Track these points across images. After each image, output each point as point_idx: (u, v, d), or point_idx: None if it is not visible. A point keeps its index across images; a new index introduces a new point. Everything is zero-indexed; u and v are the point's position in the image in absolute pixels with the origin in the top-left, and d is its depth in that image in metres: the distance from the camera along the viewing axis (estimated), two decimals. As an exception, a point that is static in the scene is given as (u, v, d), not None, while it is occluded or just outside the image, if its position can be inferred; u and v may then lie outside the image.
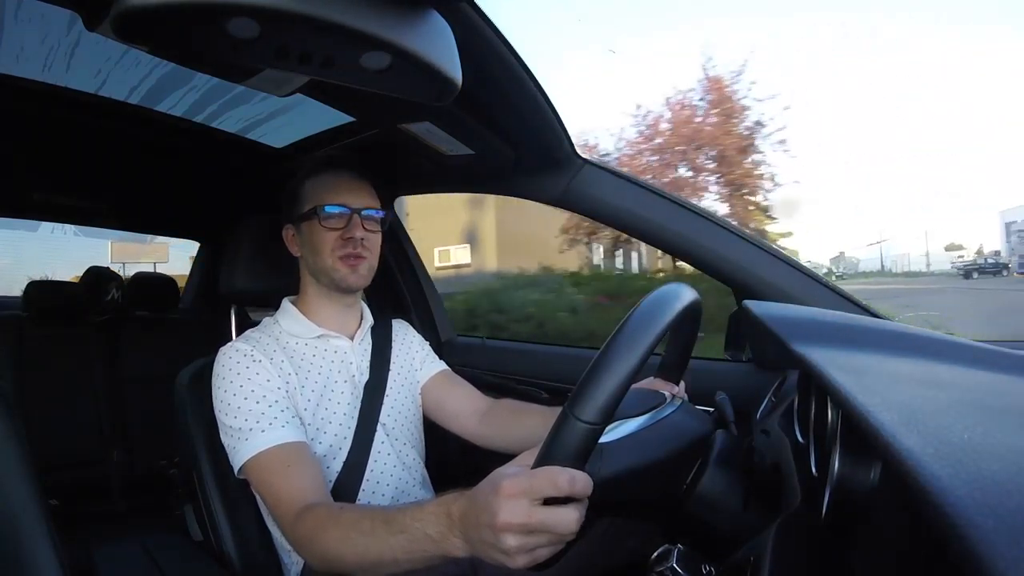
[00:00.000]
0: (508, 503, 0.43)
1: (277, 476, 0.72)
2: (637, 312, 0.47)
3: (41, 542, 0.55)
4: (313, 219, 0.84)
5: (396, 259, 1.42)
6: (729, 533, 0.56)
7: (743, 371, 0.95)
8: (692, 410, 0.64)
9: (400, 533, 0.53)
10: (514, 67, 0.70)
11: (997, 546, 0.19)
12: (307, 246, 0.87)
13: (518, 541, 0.44)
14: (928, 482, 0.22)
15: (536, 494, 0.43)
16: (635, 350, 0.44)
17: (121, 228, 2.06)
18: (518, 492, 0.43)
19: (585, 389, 0.43)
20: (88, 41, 0.85)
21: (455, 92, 0.51)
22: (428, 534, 0.51)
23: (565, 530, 0.44)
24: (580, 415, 0.43)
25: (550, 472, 0.43)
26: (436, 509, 0.51)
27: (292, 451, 0.74)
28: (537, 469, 0.44)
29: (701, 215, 0.90)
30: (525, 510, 0.43)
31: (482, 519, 0.45)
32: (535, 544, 0.44)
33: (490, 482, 0.46)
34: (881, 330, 0.54)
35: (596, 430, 0.43)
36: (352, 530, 0.59)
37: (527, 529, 0.43)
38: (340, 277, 0.85)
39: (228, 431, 0.76)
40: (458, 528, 0.49)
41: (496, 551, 0.45)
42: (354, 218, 0.85)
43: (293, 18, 0.40)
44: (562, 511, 0.43)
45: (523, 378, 1.24)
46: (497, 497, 0.44)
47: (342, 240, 0.84)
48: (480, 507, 0.46)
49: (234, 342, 0.83)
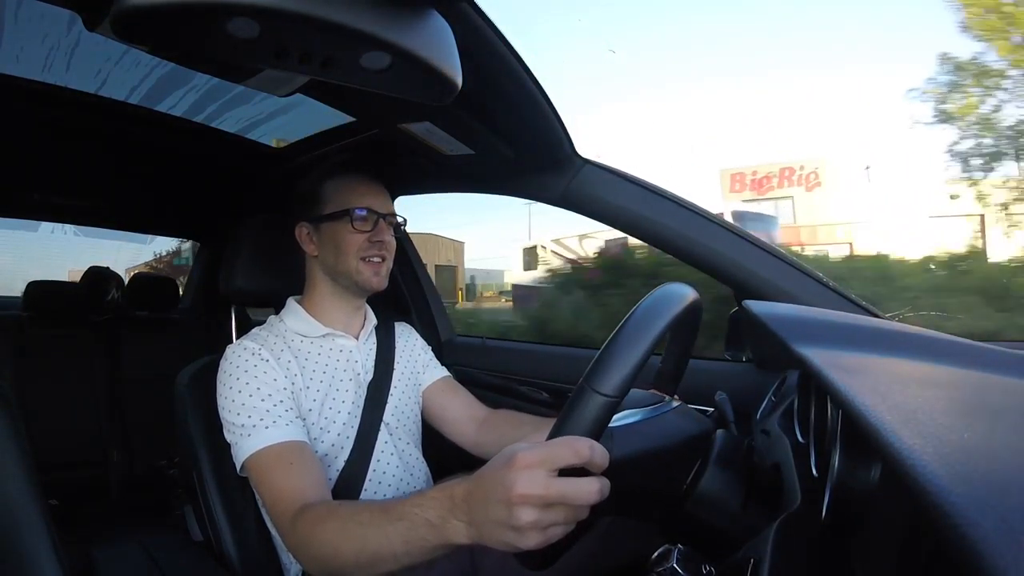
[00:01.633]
0: (524, 474, 0.42)
1: (278, 474, 0.72)
2: (653, 295, 0.50)
3: (41, 542, 0.55)
4: (342, 220, 0.85)
5: (397, 260, 1.42)
6: (729, 533, 0.56)
7: (743, 371, 0.95)
8: (690, 412, 0.64)
9: (399, 520, 0.52)
10: (514, 67, 0.70)
11: (997, 546, 0.19)
12: (329, 247, 0.87)
13: (534, 516, 0.41)
14: (928, 482, 0.22)
15: (555, 463, 0.42)
16: (651, 328, 0.45)
17: (121, 228, 2.06)
18: (535, 462, 0.42)
19: (604, 362, 0.44)
20: (88, 41, 0.85)
21: (455, 92, 0.51)
22: (427, 519, 0.50)
23: (585, 500, 0.42)
24: (598, 387, 0.43)
25: (569, 440, 0.42)
26: (437, 494, 0.50)
27: (294, 450, 0.74)
28: (555, 439, 0.43)
29: (701, 215, 0.90)
30: (543, 480, 0.41)
31: (494, 494, 0.43)
32: (550, 521, 0.42)
33: (502, 457, 0.45)
34: (881, 330, 0.54)
35: (613, 403, 0.43)
36: (350, 521, 0.58)
37: (545, 501, 0.42)
38: (364, 280, 0.87)
39: (232, 428, 0.76)
40: (461, 510, 0.47)
41: (507, 529, 0.43)
42: (380, 222, 0.87)
43: (293, 18, 0.40)
44: (582, 481, 0.42)
45: (523, 378, 1.24)
46: (511, 469, 0.42)
47: (369, 243, 0.86)
48: (491, 483, 0.44)
49: (242, 340, 0.83)
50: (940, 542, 0.21)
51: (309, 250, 0.90)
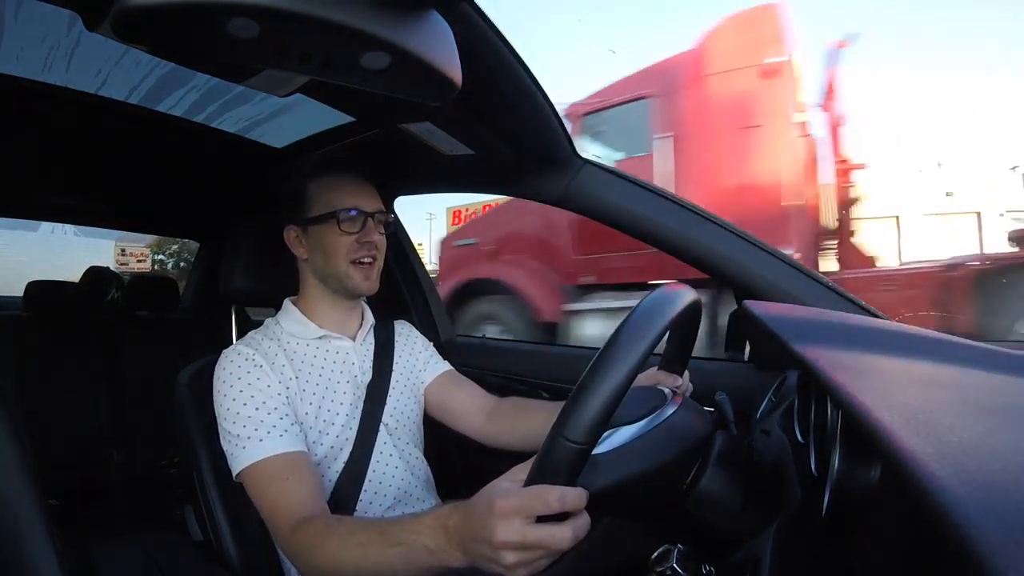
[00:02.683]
0: (502, 522, 0.44)
1: (274, 487, 0.71)
2: (624, 327, 0.46)
3: (41, 542, 0.55)
4: (329, 223, 0.83)
5: (396, 259, 1.42)
6: (729, 533, 0.56)
7: (743, 371, 0.95)
8: (693, 407, 0.63)
9: (398, 545, 0.54)
10: (514, 67, 0.70)
11: (997, 546, 0.19)
12: (317, 250, 0.86)
13: (516, 557, 0.45)
14: (928, 482, 0.22)
15: (528, 512, 0.44)
16: (621, 369, 0.43)
17: (121, 228, 2.06)
18: (511, 511, 0.44)
19: (573, 410, 0.43)
20: (88, 41, 0.84)
21: (455, 92, 0.51)
22: (426, 545, 0.52)
23: (559, 547, 0.44)
24: (568, 435, 0.43)
25: (540, 491, 0.44)
26: (433, 523, 0.52)
27: (290, 462, 0.73)
28: (528, 488, 0.45)
29: (701, 215, 0.90)
30: (519, 529, 0.44)
31: (479, 535, 0.46)
32: (532, 558, 0.45)
33: (483, 499, 0.47)
34: (881, 330, 0.54)
35: (584, 450, 0.44)
36: (348, 540, 0.59)
37: (523, 547, 0.44)
38: (353, 284, 0.85)
39: (227, 436, 0.75)
40: (455, 540, 0.50)
41: (496, 565, 0.46)
42: (368, 221, 0.85)
43: (293, 18, 0.40)
44: (555, 529, 0.44)
45: (523, 378, 1.24)
46: (491, 516, 0.45)
47: (357, 244, 0.84)
48: (476, 523, 0.47)
49: (236, 345, 0.83)
50: (940, 542, 0.21)
51: (299, 253, 0.88)
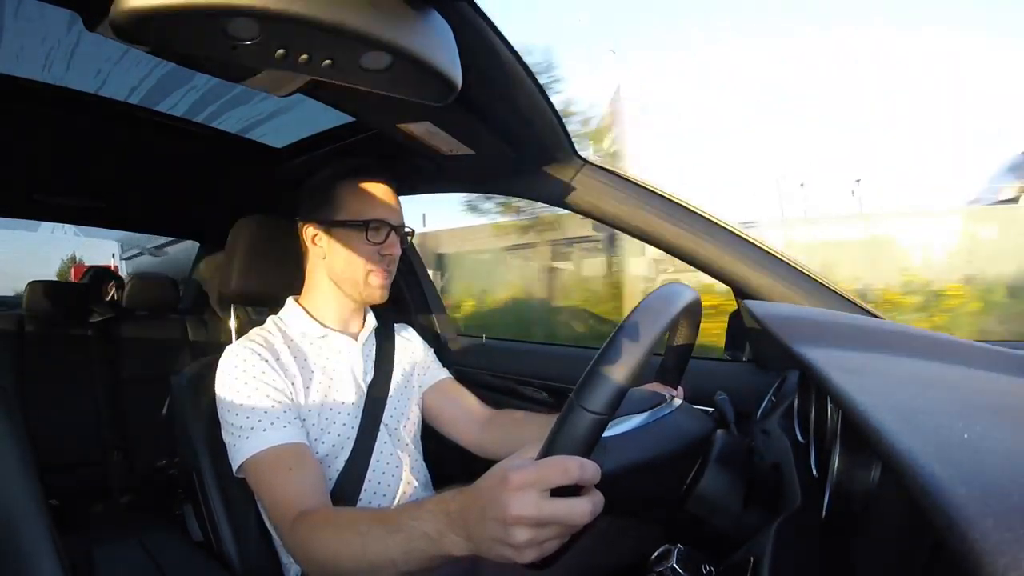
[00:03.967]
0: (517, 495, 0.42)
1: (276, 478, 0.71)
2: (643, 305, 0.48)
3: (41, 542, 0.55)
4: (357, 229, 0.84)
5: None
6: (729, 533, 0.56)
7: (743, 371, 0.95)
8: (692, 411, 0.64)
9: (397, 532, 0.52)
10: (514, 67, 0.70)
11: (997, 546, 0.19)
12: (339, 253, 0.86)
13: (529, 534, 0.42)
14: (928, 482, 0.22)
15: (545, 484, 0.42)
16: (641, 341, 0.44)
17: (121, 228, 2.06)
18: (527, 483, 0.42)
19: (592, 378, 0.43)
20: (88, 41, 0.84)
21: (455, 92, 0.51)
22: (426, 532, 0.50)
23: (578, 520, 0.42)
24: (587, 404, 0.42)
25: (559, 460, 0.42)
26: (433, 507, 0.50)
27: (293, 453, 0.73)
28: (545, 459, 0.43)
29: (701, 215, 0.90)
30: (536, 502, 0.42)
31: (489, 513, 0.44)
32: (545, 537, 0.43)
33: (494, 475, 0.45)
34: (881, 330, 0.54)
35: (603, 420, 0.43)
36: (348, 530, 0.58)
37: (538, 522, 0.42)
38: (368, 293, 0.87)
39: (230, 428, 0.75)
40: (458, 525, 0.48)
41: (503, 546, 0.43)
42: (392, 235, 0.86)
43: (293, 19, 0.40)
44: (574, 501, 0.42)
45: (523, 378, 1.24)
46: (505, 490, 0.43)
47: (379, 255, 0.85)
48: (486, 501, 0.44)
49: (241, 340, 0.83)
50: (940, 542, 0.21)
51: (315, 252, 0.88)
